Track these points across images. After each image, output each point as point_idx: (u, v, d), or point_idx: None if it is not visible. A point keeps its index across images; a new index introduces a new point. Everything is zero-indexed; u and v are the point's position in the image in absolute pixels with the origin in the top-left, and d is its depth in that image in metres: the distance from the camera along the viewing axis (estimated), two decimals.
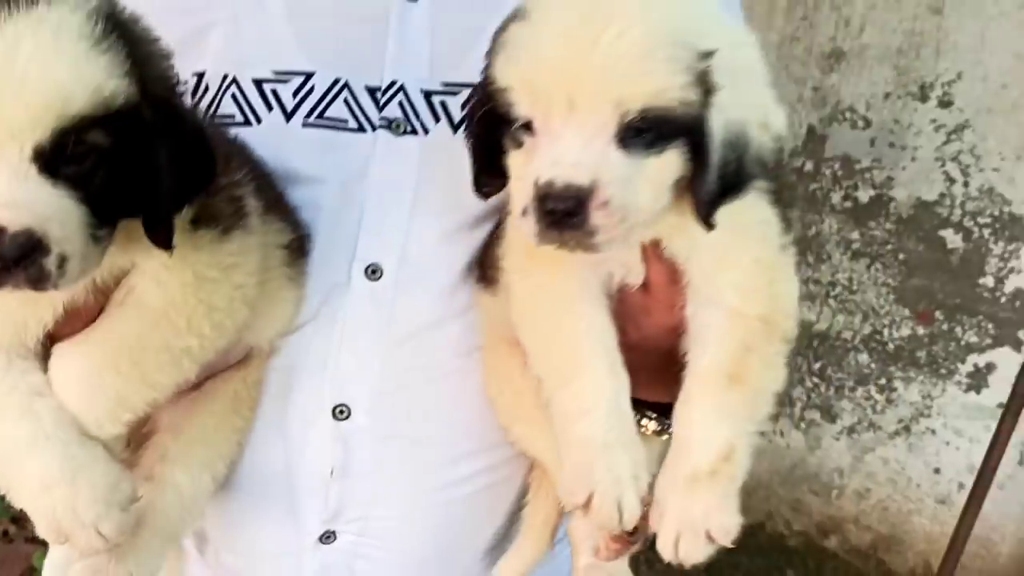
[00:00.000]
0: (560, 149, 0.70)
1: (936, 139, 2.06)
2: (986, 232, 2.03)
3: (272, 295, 0.94)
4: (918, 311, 2.17)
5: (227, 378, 0.97)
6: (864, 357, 2.26)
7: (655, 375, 0.83)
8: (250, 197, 0.88)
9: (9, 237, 0.63)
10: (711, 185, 0.73)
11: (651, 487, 0.81)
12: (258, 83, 1.02)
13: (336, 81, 1.02)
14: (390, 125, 1.00)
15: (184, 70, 0.91)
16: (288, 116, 1.01)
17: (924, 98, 2.05)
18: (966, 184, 2.04)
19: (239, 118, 1.01)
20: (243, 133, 0.99)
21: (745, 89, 0.74)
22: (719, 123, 0.71)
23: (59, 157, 0.67)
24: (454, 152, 0.92)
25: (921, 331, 2.17)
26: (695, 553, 0.79)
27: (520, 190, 0.74)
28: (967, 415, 2.12)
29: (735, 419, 0.80)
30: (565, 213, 0.69)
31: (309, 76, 1.02)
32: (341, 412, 1.02)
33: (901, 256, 2.16)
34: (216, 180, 0.82)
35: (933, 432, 2.22)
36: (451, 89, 1.01)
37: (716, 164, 0.72)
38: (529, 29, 0.72)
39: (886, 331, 2.22)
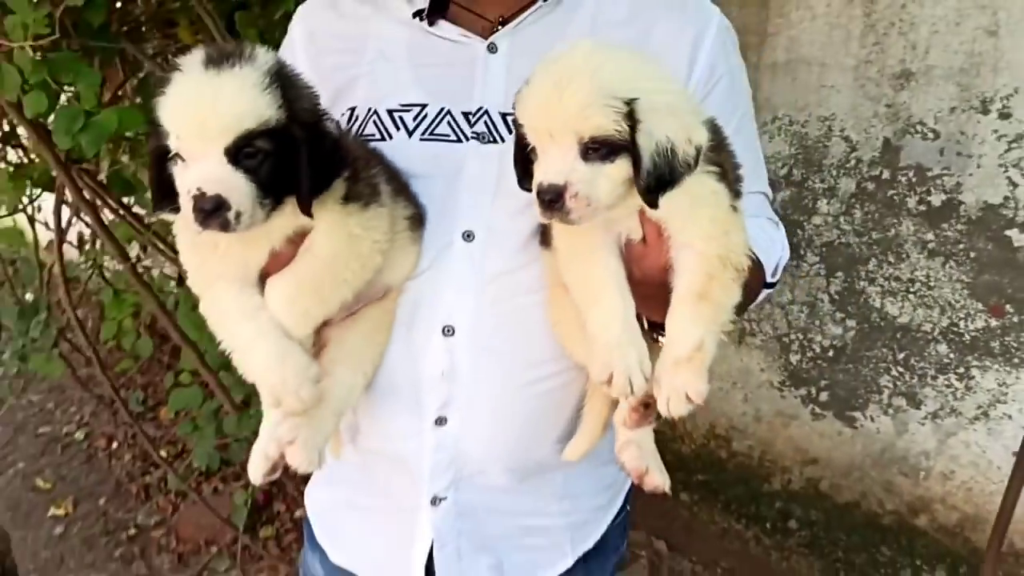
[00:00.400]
0: (547, 163, 1.03)
1: (999, 147, 2.19)
2: None
3: (400, 250, 1.24)
4: (990, 305, 2.33)
5: (373, 307, 1.28)
6: (943, 348, 2.43)
7: (654, 301, 1.10)
8: (382, 184, 1.19)
9: (208, 199, 0.98)
10: (646, 181, 1.01)
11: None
12: (390, 112, 1.33)
13: (442, 109, 1.32)
14: (479, 137, 1.30)
15: (342, 105, 1.33)
16: (410, 133, 1.31)
17: (986, 111, 2.19)
18: None
19: (377, 136, 1.31)
20: (380, 146, 1.29)
21: (665, 119, 1.02)
22: (647, 142, 1.00)
23: (239, 155, 1.01)
24: None
25: (994, 323, 2.32)
26: (679, 409, 1.06)
27: (533, 188, 1.05)
28: None
29: (704, 324, 1.07)
30: (551, 201, 1.00)
31: (424, 106, 1.32)
32: (448, 331, 1.28)
33: (972, 255, 2.29)
34: (357, 172, 1.14)
35: (1010, 417, 2.34)
36: None
37: (648, 168, 1.00)
38: (528, 89, 1.05)
39: (962, 323, 2.37)
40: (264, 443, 1.18)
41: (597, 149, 1.02)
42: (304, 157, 1.05)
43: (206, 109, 0.99)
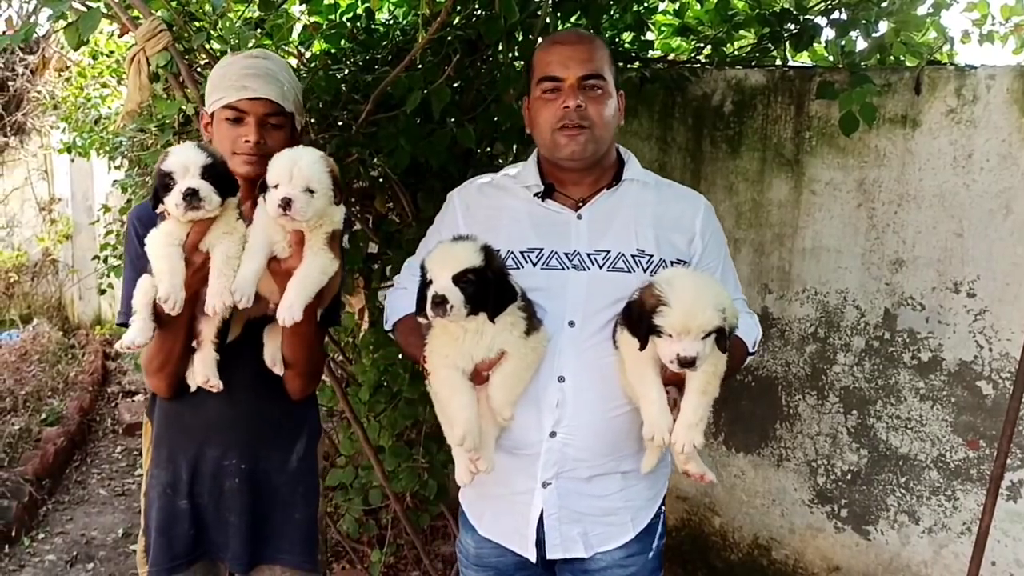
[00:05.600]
0: (686, 344, 1.70)
1: (968, 319, 2.84)
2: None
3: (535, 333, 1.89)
4: (968, 440, 2.92)
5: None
6: (935, 474, 3.03)
7: (672, 383, 1.84)
8: (536, 318, 1.89)
9: (439, 296, 1.69)
10: (725, 343, 1.75)
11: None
12: (521, 252, 1.98)
13: (552, 250, 1.97)
14: (575, 267, 1.95)
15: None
16: (534, 265, 1.97)
17: (957, 291, 2.86)
18: (991, 349, 2.89)
19: (514, 266, 1.93)
20: (516, 273, 1.89)
21: (732, 311, 1.76)
22: (729, 327, 1.74)
23: (459, 280, 1.71)
24: (600, 279, 1.93)
25: (972, 455, 2.92)
26: (689, 450, 1.80)
27: (673, 359, 1.73)
28: None
29: (704, 406, 1.80)
30: (688, 364, 1.71)
31: (541, 249, 1.97)
32: (561, 379, 1.91)
33: (953, 400, 2.89)
34: (530, 315, 1.86)
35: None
36: (598, 251, 1.96)
37: (728, 338, 1.75)
38: (672, 307, 1.70)
39: (948, 454, 2.95)
40: (463, 464, 1.92)
41: (709, 335, 1.71)
42: (493, 289, 1.78)
43: (449, 254, 1.79)
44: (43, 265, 9.19)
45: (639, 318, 1.75)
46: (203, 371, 2.01)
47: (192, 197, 1.80)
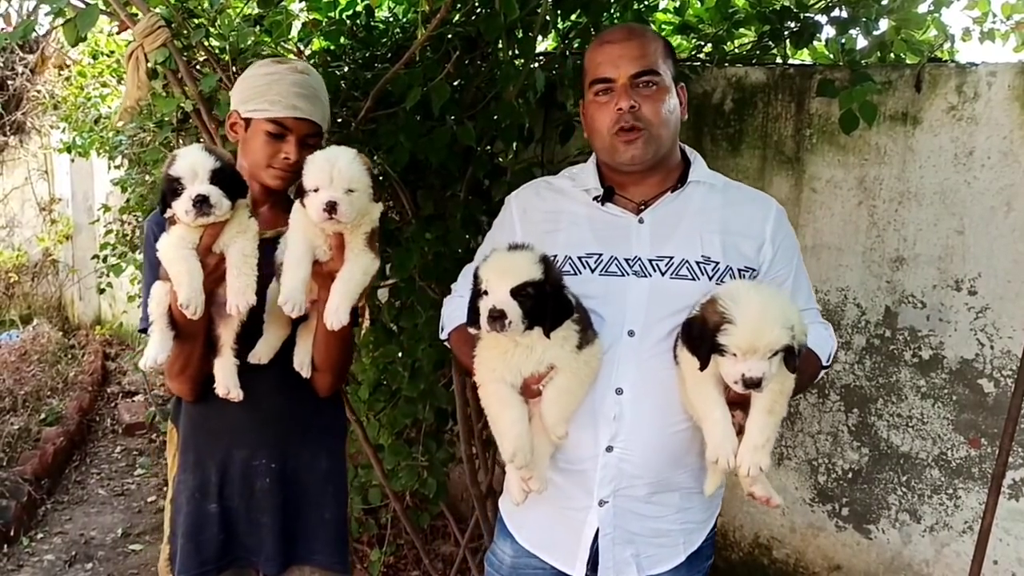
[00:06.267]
0: (752, 364, 1.58)
1: (969, 316, 2.83)
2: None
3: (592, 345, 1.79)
4: (970, 438, 2.92)
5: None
6: (936, 472, 3.02)
7: (736, 405, 1.72)
8: (591, 329, 1.79)
9: (497, 311, 1.61)
10: (794, 364, 1.62)
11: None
12: (579, 258, 1.87)
13: (612, 256, 1.86)
14: (636, 274, 1.84)
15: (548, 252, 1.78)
16: (592, 271, 1.86)
17: (958, 289, 2.85)
18: (992, 347, 2.88)
19: (571, 272, 1.84)
20: (572, 279, 1.79)
21: (801, 328, 1.64)
22: (798, 346, 1.61)
23: (518, 294, 1.62)
24: (662, 286, 1.82)
25: (973, 453, 2.91)
26: (756, 473, 1.67)
27: (738, 380, 1.60)
28: None
29: (771, 427, 1.68)
30: (754, 384, 1.59)
31: (600, 255, 1.86)
32: (619, 391, 1.81)
33: (954, 398, 2.89)
34: (585, 328, 1.74)
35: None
36: (660, 257, 1.85)
37: (798, 357, 1.62)
38: (737, 325, 1.58)
39: (949, 452, 2.94)
40: (516, 482, 1.83)
41: (776, 353, 1.60)
42: (551, 301, 1.68)
43: (506, 264, 1.70)
44: (43, 265, 9.19)
45: (701, 336, 1.65)
46: (224, 381, 1.99)
47: (203, 204, 1.78)
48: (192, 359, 2.01)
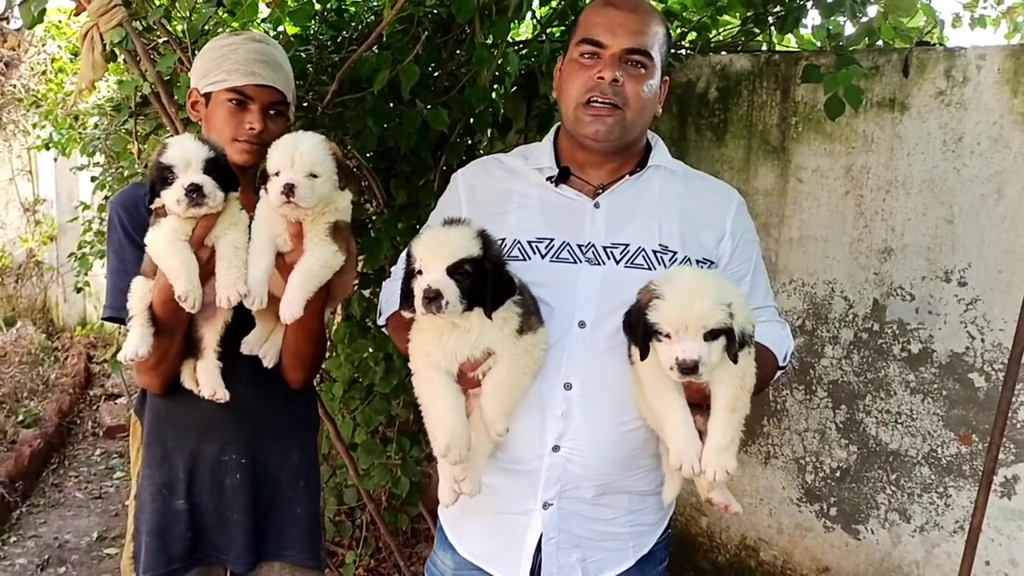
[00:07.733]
0: (684, 346, 1.48)
1: (959, 308, 2.74)
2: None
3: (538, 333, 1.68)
4: (960, 434, 2.82)
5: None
6: (926, 470, 2.92)
7: (695, 405, 1.60)
8: (536, 316, 1.67)
9: (432, 291, 1.47)
10: (735, 349, 1.49)
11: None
12: (529, 242, 1.76)
13: (564, 242, 1.76)
14: (588, 261, 1.74)
15: (495, 235, 1.66)
16: (543, 257, 1.75)
17: (948, 280, 2.76)
18: (983, 340, 2.78)
19: (520, 258, 1.74)
20: (521, 265, 1.70)
21: (744, 313, 1.52)
22: (738, 328, 1.49)
23: (455, 272, 1.50)
24: (616, 275, 1.72)
25: (964, 450, 2.82)
26: (722, 477, 1.54)
27: (673, 364, 1.49)
28: None
29: (734, 426, 1.56)
30: (689, 370, 1.48)
31: (552, 240, 1.76)
32: (568, 386, 1.70)
33: (944, 393, 2.79)
34: (527, 310, 1.63)
35: (981, 530, 2.79)
36: (615, 245, 1.75)
37: (738, 341, 1.50)
38: (666, 301, 1.49)
39: (939, 450, 2.83)
40: (448, 481, 1.68)
41: (714, 335, 1.50)
42: (491, 280, 1.56)
43: (441, 241, 1.56)
44: (27, 267, 9.06)
45: (636, 320, 1.55)
46: (209, 383, 1.93)
47: (196, 193, 1.71)
48: (168, 355, 1.94)
